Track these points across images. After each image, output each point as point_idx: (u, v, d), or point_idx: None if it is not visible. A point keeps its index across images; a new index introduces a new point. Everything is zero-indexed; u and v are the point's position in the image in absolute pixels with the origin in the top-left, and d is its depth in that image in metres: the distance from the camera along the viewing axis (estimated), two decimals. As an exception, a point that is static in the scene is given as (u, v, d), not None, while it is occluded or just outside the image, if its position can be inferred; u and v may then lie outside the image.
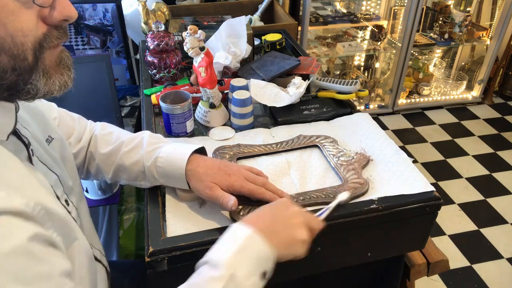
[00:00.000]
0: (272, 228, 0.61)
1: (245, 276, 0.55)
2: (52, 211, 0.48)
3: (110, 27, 1.45)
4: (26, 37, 0.46)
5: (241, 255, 0.57)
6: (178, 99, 0.96)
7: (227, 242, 0.59)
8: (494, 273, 1.73)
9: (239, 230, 0.60)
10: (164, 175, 0.76)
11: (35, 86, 0.49)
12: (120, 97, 1.46)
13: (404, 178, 0.82)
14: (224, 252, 0.57)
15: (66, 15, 0.49)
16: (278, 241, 0.60)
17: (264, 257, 0.58)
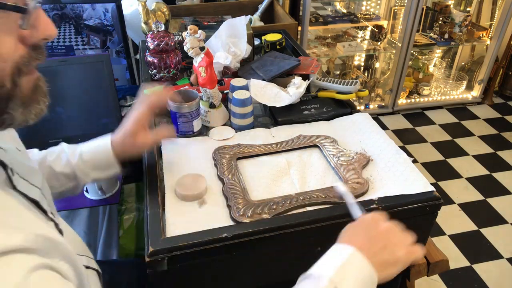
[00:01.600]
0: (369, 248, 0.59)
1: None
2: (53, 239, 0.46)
3: (110, 27, 1.45)
4: (6, 62, 0.43)
5: (344, 270, 0.56)
6: (186, 98, 0.96)
7: (329, 259, 0.59)
8: (494, 273, 1.73)
9: (341, 249, 0.59)
10: (94, 166, 0.78)
11: (11, 115, 0.46)
12: (120, 97, 1.46)
13: (404, 178, 0.82)
14: (327, 267, 0.57)
15: (47, 34, 0.47)
16: (376, 261, 0.58)
17: (367, 277, 0.57)
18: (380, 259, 0.59)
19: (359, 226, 0.64)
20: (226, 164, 0.87)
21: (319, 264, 0.59)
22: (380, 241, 0.61)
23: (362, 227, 0.64)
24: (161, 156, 0.91)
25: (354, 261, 0.57)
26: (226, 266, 0.75)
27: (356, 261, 0.57)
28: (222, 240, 0.69)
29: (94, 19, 1.42)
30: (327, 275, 0.55)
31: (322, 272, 0.56)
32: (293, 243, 0.76)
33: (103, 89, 1.22)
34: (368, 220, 0.65)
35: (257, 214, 0.74)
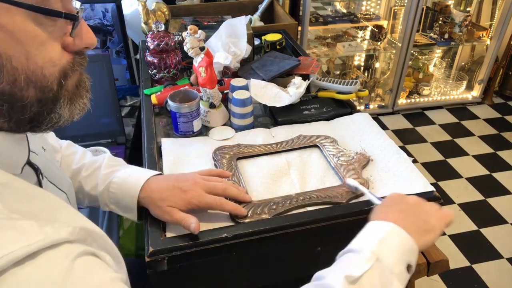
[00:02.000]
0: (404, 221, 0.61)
1: (392, 263, 0.56)
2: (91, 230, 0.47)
3: (110, 27, 1.45)
4: (55, 67, 0.45)
5: (385, 243, 0.57)
6: (186, 98, 0.96)
7: (367, 234, 0.60)
8: (494, 273, 1.73)
9: (378, 224, 0.61)
10: (115, 202, 0.74)
11: (59, 114, 0.48)
12: (120, 97, 1.46)
13: (404, 178, 0.82)
14: (368, 241, 0.58)
15: (88, 43, 0.49)
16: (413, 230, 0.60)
17: (407, 247, 0.58)
18: (416, 229, 0.60)
19: (388, 204, 0.67)
20: (226, 164, 0.87)
21: (357, 239, 0.60)
22: (412, 212, 0.63)
23: (392, 203, 0.66)
24: (161, 156, 0.91)
25: (393, 233, 0.59)
26: (226, 266, 0.75)
27: (395, 233, 0.59)
28: (222, 240, 0.69)
29: (94, 19, 1.42)
30: (369, 247, 0.56)
31: (363, 245, 0.57)
32: (293, 243, 0.76)
33: (103, 89, 1.22)
34: (395, 197, 0.68)
35: (257, 214, 0.74)
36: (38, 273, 0.37)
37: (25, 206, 0.43)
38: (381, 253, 0.56)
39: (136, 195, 0.72)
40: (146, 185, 0.72)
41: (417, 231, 0.60)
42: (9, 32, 0.40)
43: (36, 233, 0.38)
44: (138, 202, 0.72)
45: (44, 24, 0.43)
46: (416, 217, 0.63)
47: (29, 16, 0.41)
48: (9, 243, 0.36)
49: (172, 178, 0.75)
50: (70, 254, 0.40)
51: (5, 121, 0.44)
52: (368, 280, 0.53)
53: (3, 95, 0.42)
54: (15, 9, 0.40)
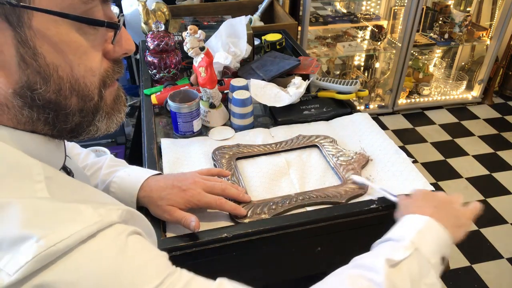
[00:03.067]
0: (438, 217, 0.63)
1: (429, 254, 0.58)
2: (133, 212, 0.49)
3: (110, 27, 1.45)
4: (95, 76, 0.46)
5: (423, 235, 0.59)
6: (186, 98, 0.96)
7: (406, 226, 0.62)
8: (494, 273, 1.73)
9: (415, 218, 0.62)
10: None
11: (97, 127, 0.49)
12: (120, 97, 1.46)
13: (404, 178, 0.82)
14: (407, 232, 0.60)
15: (127, 49, 0.49)
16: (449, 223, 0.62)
17: (443, 240, 0.61)
18: (449, 224, 0.62)
19: (419, 199, 0.69)
20: (226, 164, 0.87)
21: (395, 230, 0.62)
22: (444, 208, 0.66)
23: (423, 199, 0.69)
24: (161, 156, 0.91)
25: (431, 226, 0.61)
26: (226, 266, 0.75)
27: (433, 226, 0.61)
28: (222, 240, 0.69)
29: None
30: (408, 237, 0.58)
31: (402, 235, 0.59)
32: (292, 243, 0.76)
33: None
34: (424, 193, 0.70)
35: (257, 214, 0.74)
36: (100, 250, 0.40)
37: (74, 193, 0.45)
38: (419, 244, 0.58)
39: (135, 194, 0.72)
40: (145, 184, 0.73)
41: (451, 226, 0.62)
42: (55, 42, 0.41)
43: (92, 214, 0.41)
44: (137, 202, 0.73)
45: (87, 33, 0.44)
46: (448, 213, 0.65)
47: (73, 26, 0.42)
48: (72, 224, 0.39)
49: (172, 177, 0.75)
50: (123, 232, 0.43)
51: (50, 128, 0.46)
52: (407, 266, 0.55)
53: (49, 104, 0.43)
54: (61, 20, 0.41)
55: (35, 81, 0.42)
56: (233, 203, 0.73)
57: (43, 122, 0.45)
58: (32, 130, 0.45)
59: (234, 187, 0.77)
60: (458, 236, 0.64)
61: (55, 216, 0.39)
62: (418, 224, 0.61)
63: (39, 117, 0.44)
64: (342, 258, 0.83)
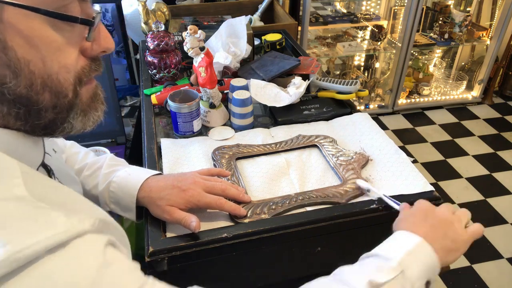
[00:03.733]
0: (433, 237, 0.60)
1: (415, 278, 0.56)
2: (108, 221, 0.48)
3: (110, 27, 1.45)
4: (70, 73, 0.45)
5: (412, 256, 0.57)
6: (186, 98, 0.96)
7: (396, 243, 0.60)
8: (494, 273, 1.73)
9: (408, 236, 0.60)
10: (115, 201, 0.74)
11: (72, 124, 0.49)
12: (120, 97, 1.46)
13: (403, 178, 0.82)
14: (396, 250, 0.58)
15: (105, 47, 0.49)
16: (439, 248, 0.60)
17: (431, 265, 0.58)
18: (443, 247, 0.60)
19: (418, 214, 0.65)
20: (226, 164, 0.87)
21: (385, 246, 0.60)
22: (442, 229, 0.62)
23: (422, 215, 0.65)
24: (161, 156, 0.91)
25: (422, 249, 0.59)
26: (226, 266, 0.75)
27: (424, 250, 0.59)
28: (222, 240, 0.69)
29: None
30: (396, 257, 0.56)
31: (390, 253, 0.58)
32: (292, 243, 0.76)
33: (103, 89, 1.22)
34: (426, 208, 0.66)
35: (257, 214, 0.74)
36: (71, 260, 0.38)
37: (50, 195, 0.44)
38: (406, 266, 0.56)
39: (135, 195, 0.72)
40: (145, 184, 0.72)
41: (444, 250, 0.60)
42: (27, 37, 0.41)
43: (64, 223, 0.40)
44: (137, 202, 0.73)
45: (62, 29, 0.43)
46: (445, 235, 0.62)
47: (47, 22, 0.42)
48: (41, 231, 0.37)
49: (171, 177, 0.75)
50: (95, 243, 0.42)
51: (22, 124, 0.45)
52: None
53: (20, 98, 0.43)
54: (33, 15, 0.40)
55: (5, 75, 0.41)
56: (233, 204, 0.73)
57: (14, 117, 0.44)
58: (4, 125, 0.45)
59: (234, 187, 0.77)
60: (448, 261, 0.61)
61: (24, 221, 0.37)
62: (408, 244, 0.59)
63: (9, 112, 0.43)
64: (342, 258, 0.84)
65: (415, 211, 0.66)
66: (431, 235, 0.60)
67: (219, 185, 0.74)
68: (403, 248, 0.58)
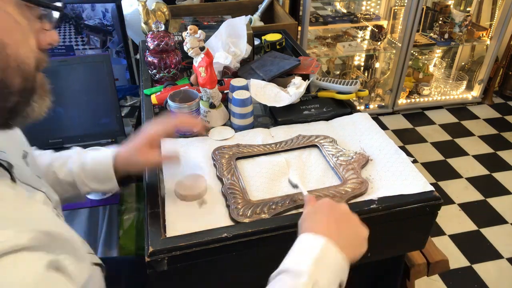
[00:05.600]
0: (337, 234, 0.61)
1: (327, 285, 0.56)
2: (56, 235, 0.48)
3: (110, 27, 1.45)
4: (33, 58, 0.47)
5: (321, 264, 0.57)
6: (186, 98, 0.96)
7: (303, 252, 0.59)
8: (494, 273, 1.73)
9: (312, 240, 0.60)
10: (93, 177, 0.77)
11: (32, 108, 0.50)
12: (120, 97, 1.46)
13: (403, 178, 0.82)
14: (304, 261, 0.57)
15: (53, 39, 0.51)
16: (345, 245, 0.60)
17: (340, 266, 0.59)
18: (349, 244, 0.61)
19: (319, 212, 0.65)
20: (225, 164, 0.87)
21: (293, 258, 0.59)
22: (343, 225, 0.63)
23: (323, 213, 0.65)
24: (161, 156, 0.91)
25: (328, 251, 0.58)
26: (226, 266, 0.75)
27: (330, 251, 0.58)
28: (222, 240, 0.69)
29: (94, 19, 1.42)
30: (306, 270, 0.55)
31: (299, 267, 0.57)
32: (292, 243, 0.75)
33: (103, 89, 1.22)
34: (327, 205, 0.66)
35: (257, 214, 0.74)
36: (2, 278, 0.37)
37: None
38: (317, 277, 0.55)
39: (111, 162, 0.76)
40: (116, 152, 0.78)
41: (350, 246, 0.60)
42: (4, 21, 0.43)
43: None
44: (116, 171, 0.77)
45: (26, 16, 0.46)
46: (348, 229, 0.63)
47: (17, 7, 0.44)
48: None
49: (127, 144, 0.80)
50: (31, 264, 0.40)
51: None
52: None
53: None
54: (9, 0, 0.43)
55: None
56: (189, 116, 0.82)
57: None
58: None
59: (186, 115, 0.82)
60: (355, 257, 0.61)
61: None
62: (314, 250, 0.58)
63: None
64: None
65: (318, 207, 0.66)
66: (336, 231, 0.60)
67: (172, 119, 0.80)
68: (310, 256, 0.57)
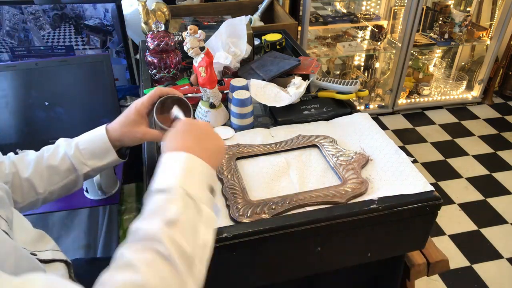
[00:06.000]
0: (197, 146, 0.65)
1: (198, 192, 0.59)
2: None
3: (110, 27, 1.45)
4: None
5: (187, 175, 0.60)
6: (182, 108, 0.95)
7: (168, 169, 0.61)
8: (494, 273, 1.73)
9: (175, 156, 0.62)
10: (91, 155, 0.79)
11: None
12: (120, 97, 1.46)
13: (404, 178, 0.82)
14: (171, 178, 0.59)
15: None
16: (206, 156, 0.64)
17: (207, 173, 0.63)
18: (209, 152, 0.65)
19: (180, 131, 0.69)
20: (225, 164, 0.87)
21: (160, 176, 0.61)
22: (203, 139, 0.68)
23: (183, 130, 0.69)
24: (161, 156, 0.91)
25: (191, 164, 0.62)
26: (226, 266, 0.75)
27: (192, 161, 0.62)
28: (222, 240, 0.69)
29: (94, 19, 1.42)
30: (175, 184, 0.57)
31: (168, 183, 0.58)
32: (292, 243, 0.76)
33: (103, 89, 1.22)
34: (186, 123, 0.71)
35: (257, 214, 0.74)
36: None
37: None
38: (187, 187, 0.57)
39: (105, 134, 0.78)
40: (107, 127, 0.80)
41: (210, 155, 0.65)
42: None
43: None
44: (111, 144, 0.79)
45: None
46: (208, 143, 0.68)
47: None
48: None
49: None
50: None
51: None
52: (184, 217, 0.55)
53: None
54: None
55: None
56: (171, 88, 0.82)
57: None
58: None
59: None
60: (217, 163, 0.68)
61: None
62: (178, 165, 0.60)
63: None
64: (342, 258, 0.84)
65: (178, 128, 0.70)
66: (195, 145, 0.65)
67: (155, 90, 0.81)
68: (176, 172, 0.59)
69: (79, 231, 1.17)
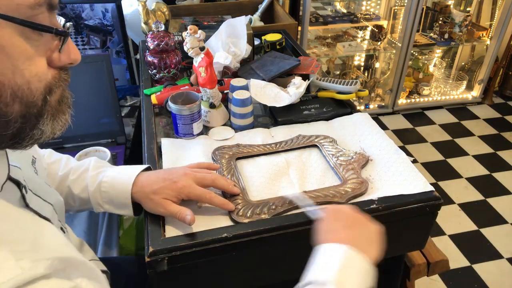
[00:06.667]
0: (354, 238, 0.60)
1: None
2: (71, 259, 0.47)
3: (110, 27, 1.45)
4: (41, 82, 0.44)
5: (346, 271, 0.56)
6: (188, 100, 0.96)
7: (325, 262, 0.58)
8: (494, 273, 1.73)
9: (332, 249, 0.59)
10: (109, 201, 0.75)
11: (41, 130, 0.47)
12: (120, 97, 1.46)
13: (404, 178, 0.82)
14: (328, 271, 0.56)
15: (73, 59, 0.48)
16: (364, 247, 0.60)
17: (366, 270, 0.58)
18: (367, 244, 0.61)
19: (331, 221, 0.66)
20: (226, 164, 0.87)
21: (316, 268, 0.59)
22: (358, 226, 0.63)
23: (336, 220, 0.65)
24: (161, 156, 0.91)
25: (350, 258, 0.58)
26: (226, 266, 0.75)
27: (352, 257, 0.58)
28: (222, 240, 0.69)
29: (94, 19, 1.42)
30: (332, 280, 0.55)
31: (325, 276, 0.56)
32: (292, 243, 0.76)
33: (103, 89, 1.22)
34: (335, 212, 0.67)
35: (257, 214, 0.74)
36: None
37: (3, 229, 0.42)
38: (344, 284, 0.55)
39: (129, 190, 0.72)
40: (137, 179, 0.73)
41: (368, 247, 0.60)
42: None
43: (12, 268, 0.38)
44: (131, 198, 0.73)
45: (31, 38, 0.42)
46: (362, 230, 0.63)
47: (17, 30, 0.41)
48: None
49: (162, 171, 0.76)
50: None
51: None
52: None
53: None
54: (5, 23, 0.39)
55: None
56: (222, 198, 0.74)
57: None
58: None
59: (223, 178, 0.78)
60: (376, 255, 0.61)
61: None
62: (336, 258, 0.57)
63: None
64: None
65: (328, 218, 0.66)
66: (352, 236, 0.60)
67: (209, 176, 0.75)
68: (334, 265, 0.57)
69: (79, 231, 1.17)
